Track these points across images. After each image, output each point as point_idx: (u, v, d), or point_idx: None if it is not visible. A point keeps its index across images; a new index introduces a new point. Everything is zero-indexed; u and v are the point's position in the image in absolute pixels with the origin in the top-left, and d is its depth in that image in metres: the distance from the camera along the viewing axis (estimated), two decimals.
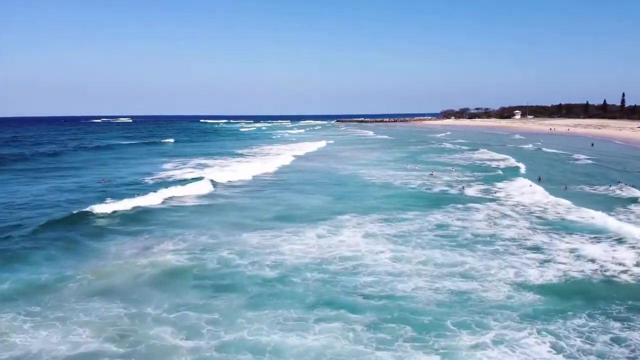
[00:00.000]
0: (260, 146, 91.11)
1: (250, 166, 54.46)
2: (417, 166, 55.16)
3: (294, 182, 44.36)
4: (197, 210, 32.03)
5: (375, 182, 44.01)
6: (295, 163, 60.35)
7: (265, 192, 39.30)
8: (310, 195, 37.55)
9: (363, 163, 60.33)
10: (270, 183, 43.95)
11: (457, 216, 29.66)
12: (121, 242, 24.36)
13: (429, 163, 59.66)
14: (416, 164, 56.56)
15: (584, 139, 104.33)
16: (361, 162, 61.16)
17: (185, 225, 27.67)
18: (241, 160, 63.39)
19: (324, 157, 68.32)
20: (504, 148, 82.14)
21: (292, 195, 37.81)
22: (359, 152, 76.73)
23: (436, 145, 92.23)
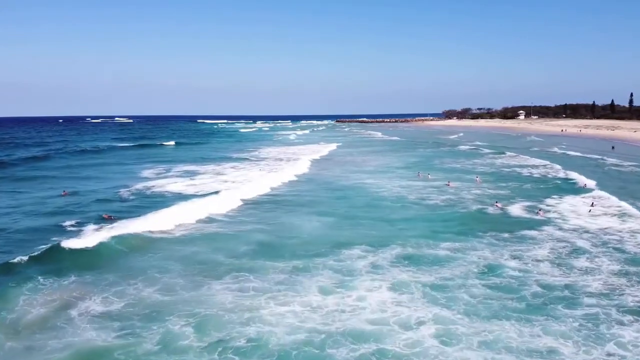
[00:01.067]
0: (262, 148, 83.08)
1: (254, 177, 46.57)
2: (430, 174, 47.03)
3: (288, 196, 36.41)
4: (155, 245, 23.42)
5: (386, 196, 35.92)
6: (307, 171, 52.24)
7: (258, 213, 31.19)
8: (306, 215, 29.43)
9: (369, 170, 52.18)
10: (269, 200, 35.89)
11: (508, 251, 21.54)
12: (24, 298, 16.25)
13: (446, 170, 51.48)
14: (429, 172, 48.30)
15: (602, 142, 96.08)
16: (368, 169, 53.06)
17: (129, 269, 19.53)
18: (237, 166, 55.48)
19: (328, 162, 60.33)
20: (528, 151, 73.62)
21: (286, 215, 29.74)
22: (366, 156, 68.60)
23: (449, 148, 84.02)
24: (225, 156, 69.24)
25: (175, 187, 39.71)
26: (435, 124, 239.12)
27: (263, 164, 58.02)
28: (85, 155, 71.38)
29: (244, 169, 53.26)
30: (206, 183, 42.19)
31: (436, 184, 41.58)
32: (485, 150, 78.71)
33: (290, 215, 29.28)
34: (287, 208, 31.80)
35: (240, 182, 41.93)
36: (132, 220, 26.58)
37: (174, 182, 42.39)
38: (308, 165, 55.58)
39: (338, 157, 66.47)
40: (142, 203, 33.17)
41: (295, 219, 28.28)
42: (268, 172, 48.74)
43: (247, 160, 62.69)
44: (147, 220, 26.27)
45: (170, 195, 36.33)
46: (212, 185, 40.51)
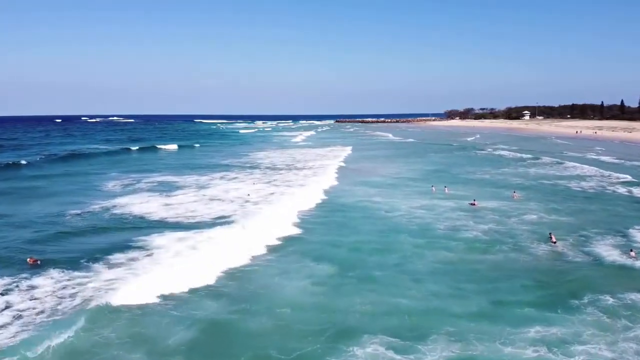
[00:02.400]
0: (271, 152, 74.50)
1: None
2: (448, 187, 38.67)
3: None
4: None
5: (403, 224, 27.58)
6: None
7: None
8: (289, 264, 20.93)
9: (377, 182, 43.62)
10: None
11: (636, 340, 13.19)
12: None
13: (471, 183, 43.12)
14: (445, 184, 39.88)
15: (630, 146, 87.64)
16: (375, 180, 44.60)
17: None
18: (239, 178, 46.99)
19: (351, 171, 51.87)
20: (561, 156, 64.94)
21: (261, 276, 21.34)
22: (373, 163, 60.13)
23: (465, 152, 75.38)
24: (223, 164, 60.68)
25: (143, 209, 31.26)
26: (439, 125, 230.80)
27: (282, 178, 49.00)
28: (59, 163, 61.63)
29: (250, 180, 44.71)
30: (185, 203, 33.74)
31: (460, 203, 33.36)
32: (507, 153, 70.29)
33: (268, 267, 20.81)
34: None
35: (258, 204, 33.61)
36: (63, 271, 18.49)
37: (145, 201, 33.93)
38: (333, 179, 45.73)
39: (357, 165, 58.07)
40: (89, 238, 24.79)
41: (273, 270, 19.93)
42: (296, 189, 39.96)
43: (257, 170, 53.83)
44: (83, 268, 18.05)
45: (131, 222, 27.93)
46: (193, 208, 32.14)
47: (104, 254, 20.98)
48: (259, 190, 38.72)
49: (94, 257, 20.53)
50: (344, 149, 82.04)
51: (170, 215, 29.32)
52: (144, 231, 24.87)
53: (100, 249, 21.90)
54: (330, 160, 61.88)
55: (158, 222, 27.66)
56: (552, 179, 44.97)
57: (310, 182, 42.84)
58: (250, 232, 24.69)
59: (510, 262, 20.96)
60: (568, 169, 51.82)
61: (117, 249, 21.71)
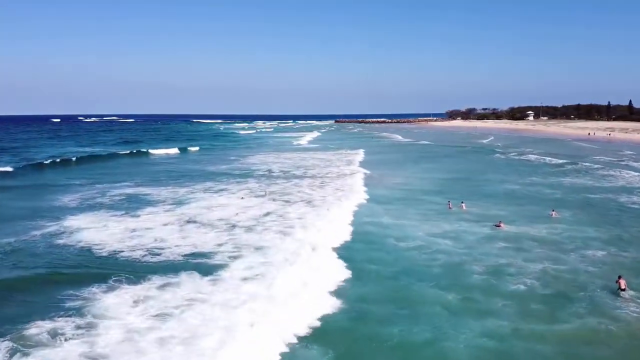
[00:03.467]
0: (274, 155, 67.47)
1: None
2: (465, 204, 32.02)
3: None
4: None
5: (423, 264, 20.85)
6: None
7: None
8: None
9: (386, 197, 36.81)
10: None
11: None
12: None
13: (496, 195, 36.44)
14: (463, 200, 33.06)
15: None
16: (382, 194, 37.77)
17: None
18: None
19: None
20: (598, 162, 58.19)
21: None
22: (381, 169, 53.24)
23: (480, 156, 68.54)
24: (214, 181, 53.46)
25: (94, 236, 24.31)
26: (441, 125, 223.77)
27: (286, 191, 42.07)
28: (21, 173, 52.06)
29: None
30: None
31: (484, 224, 26.74)
32: (532, 158, 63.41)
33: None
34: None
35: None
36: None
37: (102, 225, 27.00)
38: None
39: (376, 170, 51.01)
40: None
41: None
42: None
43: (255, 179, 46.98)
44: None
45: (70, 261, 21.01)
46: (163, 235, 25.24)
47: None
48: (249, 208, 31.76)
49: None
50: (356, 152, 75.02)
51: (128, 248, 22.43)
52: (82, 283, 17.81)
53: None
54: (345, 165, 55.15)
55: (107, 262, 20.73)
56: (595, 191, 38.08)
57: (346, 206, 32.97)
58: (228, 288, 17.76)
59: (595, 337, 14.12)
60: (607, 177, 44.95)
61: (23, 318, 14.69)
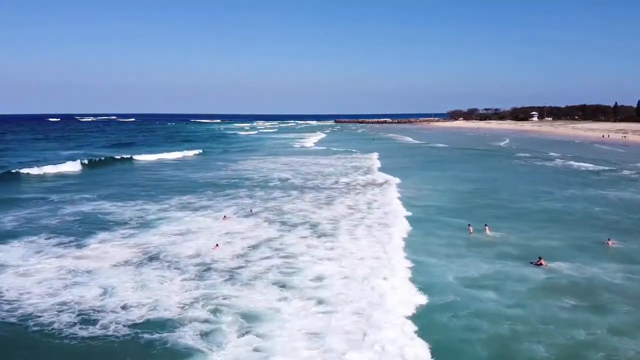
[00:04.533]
0: (282, 160, 60.83)
1: None
2: (488, 227, 25.79)
3: None
4: None
5: (463, 337, 14.27)
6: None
7: None
8: None
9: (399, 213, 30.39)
10: None
11: None
12: None
13: (528, 215, 29.97)
14: (486, 222, 26.63)
15: None
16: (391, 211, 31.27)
17: None
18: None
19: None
20: (630, 170, 51.21)
21: None
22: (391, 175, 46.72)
23: (506, 162, 61.40)
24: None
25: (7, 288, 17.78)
26: (443, 126, 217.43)
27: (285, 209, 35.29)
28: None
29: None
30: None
31: (520, 262, 20.61)
32: (558, 164, 56.79)
33: None
34: None
35: None
36: None
37: (27, 265, 20.56)
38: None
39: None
40: None
41: None
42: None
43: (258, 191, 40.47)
44: None
45: None
46: (108, 284, 18.85)
47: None
48: (234, 235, 25.25)
49: None
50: (370, 157, 68.23)
51: (53, 309, 15.86)
52: None
53: None
54: (364, 174, 48.40)
55: (8, 339, 14.17)
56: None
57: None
58: None
59: None
60: None
61: None
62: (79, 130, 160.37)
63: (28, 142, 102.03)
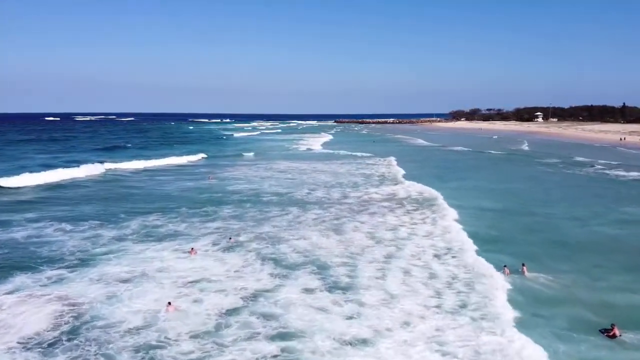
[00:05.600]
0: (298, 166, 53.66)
1: None
2: (525, 267, 19.77)
3: None
4: None
5: None
6: None
7: None
8: None
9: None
10: None
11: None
12: None
13: (581, 247, 23.35)
14: (524, 260, 20.63)
15: None
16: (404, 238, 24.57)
17: None
18: None
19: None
20: None
21: None
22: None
23: (535, 170, 54.40)
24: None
25: None
26: (446, 127, 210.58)
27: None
28: None
29: None
30: None
31: (575, 331, 14.37)
32: (584, 169, 50.01)
33: None
34: None
35: None
36: None
37: None
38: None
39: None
40: None
41: None
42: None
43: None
44: None
45: None
46: None
47: None
48: (201, 284, 18.42)
49: None
50: (388, 161, 61.59)
51: None
52: None
53: None
54: (392, 184, 41.35)
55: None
56: None
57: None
58: None
59: None
60: None
61: None
62: (70, 131, 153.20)
63: (8, 145, 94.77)
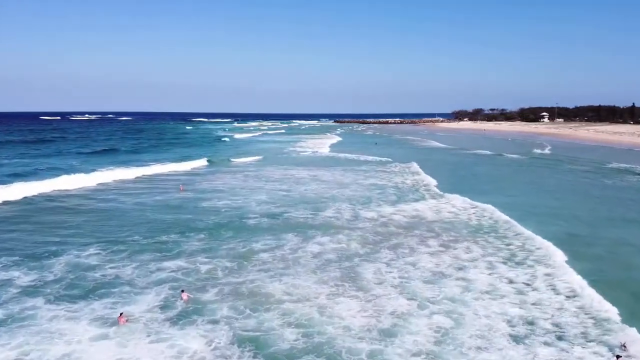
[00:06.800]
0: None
1: None
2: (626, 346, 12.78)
3: None
4: None
5: None
6: None
7: None
8: None
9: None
10: None
11: None
12: None
13: None
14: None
15: None
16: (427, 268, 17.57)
17: None
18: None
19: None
20: None
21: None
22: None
23: (566, 176, 47.84)
24: None
25: None
26: (450, 127, 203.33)
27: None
28: None
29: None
30: None
31: None
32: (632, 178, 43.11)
33: None
34: None
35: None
36: None
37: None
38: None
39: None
40: None
41: None
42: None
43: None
44: None
45: None
46: None
47: None
48: None
49: None
50: (411, 167, 54.74)
51: None
52: None
53: None
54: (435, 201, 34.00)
55: None
56: None
57: None
58: None
59: None
60: None
61: None
62: (62, 131, 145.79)
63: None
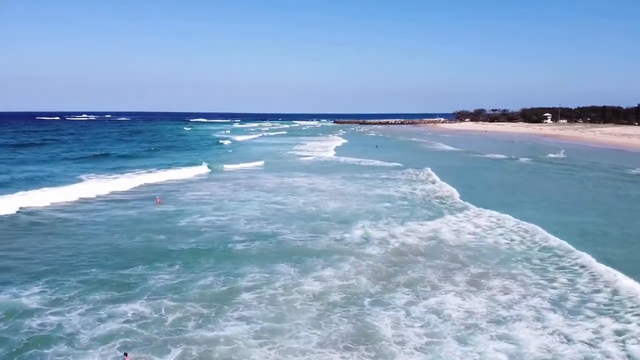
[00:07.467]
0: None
1: None
2: None
3: None
4: None
5: None
6: None
7: None
8: None
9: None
10: None
11: None
12: None
13: None
14: None
15: None
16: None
17: None
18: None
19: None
20: None
21: None
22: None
23: (597, 188, 43.16)
24: None
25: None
26: (452, 128, 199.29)
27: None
28: None
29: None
30: None
31: None
32: None
33: None
34: None
35: None
36: None
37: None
38: None
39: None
40: None
41: None
42: None
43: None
44: None
45: None
46: None
47: None
48: None
49: None
50: (429, 175, 50.60)
51: None
52: None
53: None
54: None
55: None
56: None
57: None
58: None
59: None
60: None
61: None
62: (54, 133, 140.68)
63: None
